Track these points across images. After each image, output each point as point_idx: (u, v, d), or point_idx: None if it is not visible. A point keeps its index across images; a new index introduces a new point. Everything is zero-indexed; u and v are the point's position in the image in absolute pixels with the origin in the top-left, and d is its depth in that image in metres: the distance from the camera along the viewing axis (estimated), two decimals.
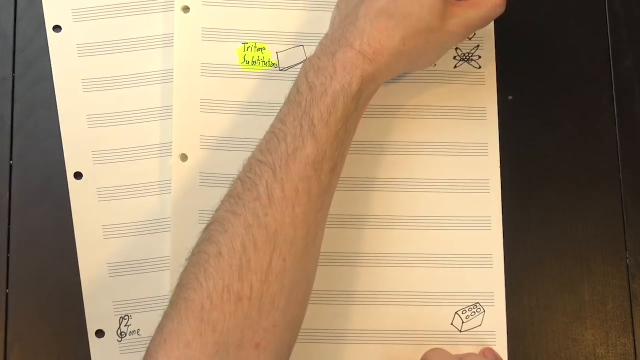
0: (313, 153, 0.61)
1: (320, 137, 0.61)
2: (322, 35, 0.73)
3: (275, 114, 0.72)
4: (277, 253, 0.59)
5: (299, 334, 0.67)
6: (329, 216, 0.70)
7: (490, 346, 0.70)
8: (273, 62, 0.74)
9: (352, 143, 0.71)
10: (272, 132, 0.63)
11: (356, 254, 0.71)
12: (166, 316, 0.59)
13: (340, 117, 0.62)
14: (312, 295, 0.70)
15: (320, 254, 0.70)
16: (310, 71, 0.64)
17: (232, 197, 0.62)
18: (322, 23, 0.74)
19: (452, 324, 0.71)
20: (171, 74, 0.73)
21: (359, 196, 0.72)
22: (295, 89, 0.64)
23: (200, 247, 0.60)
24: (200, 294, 0.58)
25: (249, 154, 0.68)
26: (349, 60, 0.63)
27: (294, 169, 0.61)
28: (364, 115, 0.71)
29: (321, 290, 0.71)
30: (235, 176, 0.64)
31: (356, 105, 0.63)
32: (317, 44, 0.73)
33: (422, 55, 0.67)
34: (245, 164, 0.63)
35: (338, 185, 0.65)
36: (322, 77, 0.63)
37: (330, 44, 0.65)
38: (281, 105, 0.72)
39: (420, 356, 0.68)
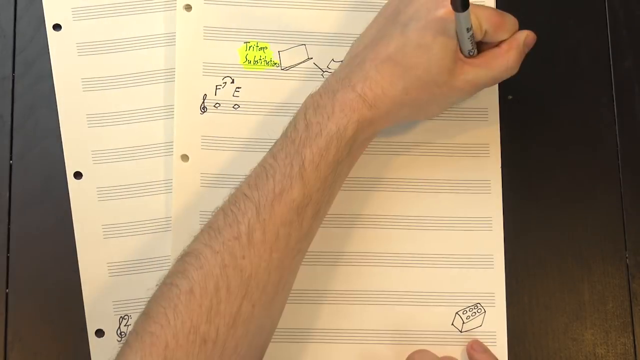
0: (299, 197, 0.60)
1: (308, 181, 0.61)
2: (325, 34, 0.74)
3: (276, 114, 0.72)
4: (247, 298, 0.59)
5: (306, 333, 0.67)
6: (329, 215, 0.70)
7: (491, 346, 0.70)
8: (275, 62, 0.74)
9: None
10: (262, 166, 0.62)
11: (357, 254, 0.71)
12: (129, 346, 0.58)
13: (331, 162, 0.62)
14: (311, 295, 0.70)
15: (321, 253, 0.71)
16: (310, 108, 0.63)
17: (212, 230, 0.61)
18: (325, 22, 0.74)
19: (452, 324, 0.71)
20: (173, 73, 0.73)
21: (360, 196, 0.72)
22: (293, 124, 0.63)
23: (173, 279, 0.60)
24: (166, 330, 0.57)
25: (250, 154, 0.69)
26: (348, 102, 0.62)
27: (277, 212, 0.60)
28: None
29: (321, 290, 0.71)
30: (236, 177, 0.64)
31: (349, 150, 0.63)
32: (318, 44, 0.74)
33: (424, 107, 0.66)
34: (231, 194, 0.62)
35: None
36: (319, 116, 0.62)
37: (335, 83, 0.64)
38: (282, 104, 0.73)
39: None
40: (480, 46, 0.67)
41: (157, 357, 0.57)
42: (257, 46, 0.74)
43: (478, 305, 0.71)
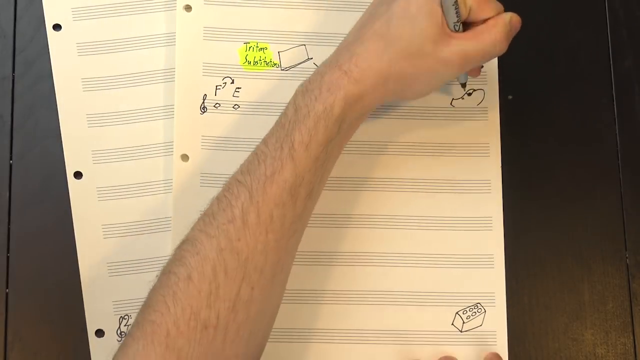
0: (291, 178, 0.61)
1: (299, 162, 0.61)
2: (324, 34, 0.74)
3: (276, 114, 0.72)
4: (246, 281, 0.59)
5: (306, 333, 0.67)
6: (330, 215, 0.70)
7: (491, 346, 0.70)
8: (275, 62, 0.74)
9: (356, 143, 0.72)
10: (254, 154, 0.63)
11: (357, 254, 0.71)
12: (131, 336, 0.58)
13: (322, 141, 0.62)
14: (311, 295, 0.70)
15: (321, 253, 0.71)
16: (299, 94, 0.63)
17: (207, 216, 0.61)
18: (325, 22, 0.74)
19: (453, 324, 0.71)
20: (173, 73, 0.73)
21: (361, 196, 0.72)
22: (284, 111, 0.63)
23: (171, 267, 0.60)
24: (167, 318, 0.57)
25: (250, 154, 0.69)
26: (334, 81, 0.62)
27: (270, 194, 0.60)
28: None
29: (321, 290, 0.71)
30: None
31: (339, 128, 0.63)
32: (318, 44, 0.74)
33: (411, 82, 0.65)
34: (225, 183, 0.63)
35: (341, 185, 0.65)
36: (307, 99, 0.62)
37: (323, 67, 0.64)
38: (282, 105, 0.72)
39: (420, 356, 0.68)
40: (465, 27, 0.66)
41: (159, 345, 0.57)
42: (257, 47, 0.74)
43: (478, 305, 0.71)
